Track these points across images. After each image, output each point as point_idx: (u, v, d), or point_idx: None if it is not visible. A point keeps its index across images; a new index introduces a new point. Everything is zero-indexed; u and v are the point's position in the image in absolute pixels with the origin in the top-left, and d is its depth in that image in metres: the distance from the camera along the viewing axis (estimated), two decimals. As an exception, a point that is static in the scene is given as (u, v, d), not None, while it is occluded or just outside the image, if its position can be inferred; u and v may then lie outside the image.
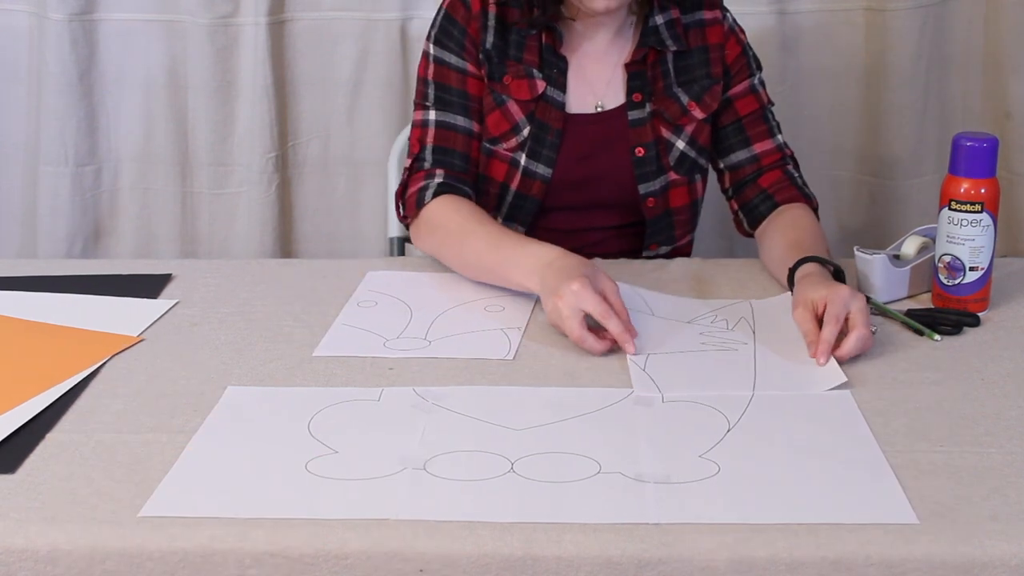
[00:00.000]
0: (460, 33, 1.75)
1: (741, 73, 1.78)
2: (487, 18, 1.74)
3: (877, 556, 1.02)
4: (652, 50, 1.75)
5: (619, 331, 1.41)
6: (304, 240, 2.53)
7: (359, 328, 1.52)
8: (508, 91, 1.74)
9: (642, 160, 1.76)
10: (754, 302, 1.59)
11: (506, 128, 1.75)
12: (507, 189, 1.77)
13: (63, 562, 1.05)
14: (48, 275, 1.74)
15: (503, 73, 1.74)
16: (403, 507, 1.09)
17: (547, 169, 1.75)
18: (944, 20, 2.33)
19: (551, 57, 1.74)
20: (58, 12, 2.35)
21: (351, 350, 1.45)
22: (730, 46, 1.78)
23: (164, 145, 2.46)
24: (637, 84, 1.75)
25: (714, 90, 1.77)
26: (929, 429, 1.23)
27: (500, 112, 1.75)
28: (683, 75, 1.76)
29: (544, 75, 1.74)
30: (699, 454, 1.18)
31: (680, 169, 1.77)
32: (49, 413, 1.30)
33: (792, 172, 1.79)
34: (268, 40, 2.35)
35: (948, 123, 2.38)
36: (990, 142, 1.50)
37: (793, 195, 1.76)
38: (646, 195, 1.76)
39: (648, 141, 1.76)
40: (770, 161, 1.79)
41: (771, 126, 1.80)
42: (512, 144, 1.75)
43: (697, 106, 1.76)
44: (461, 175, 1.74)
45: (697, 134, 1.77)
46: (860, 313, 1.39)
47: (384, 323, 1.53)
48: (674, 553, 1.03)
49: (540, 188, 1.76)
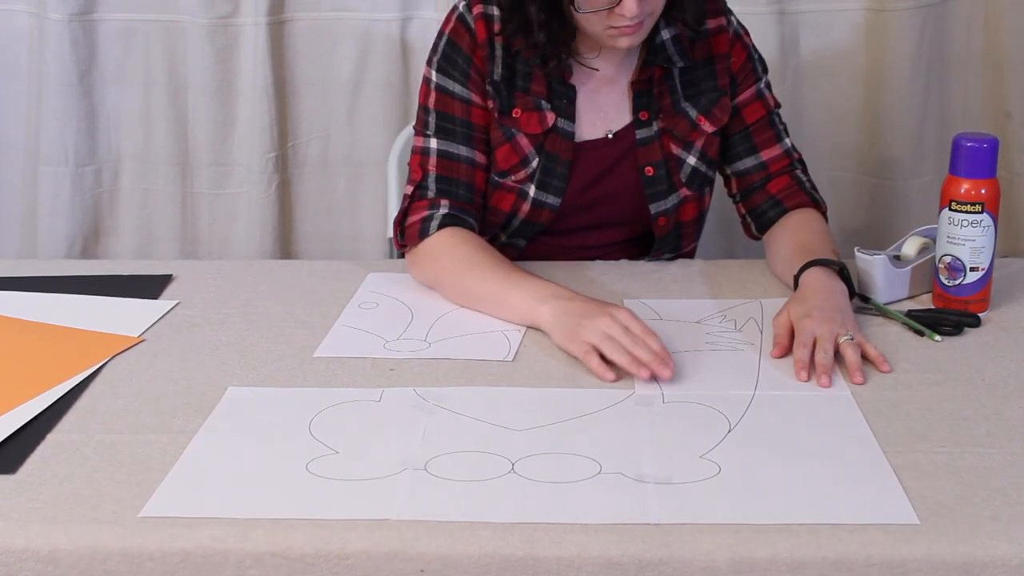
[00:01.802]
0: (465, 62, 1.69)
1: (747, 80, 1.75)
2: (494, 48, 1.68)
3: (878, 556, 1.02)
4: (658, 67, 1.71)
5: (660, 349, 1.37)
6: (304, 240, 2.52)
7: (359, 329, 1.52)
8: (518, 125, 1.69)
9: (652, 179, 1.73)
10: (764, 301, 1.59)
11: (516, 161, 1.71)
12: (514, 217, 1.74)
13: (64, 562, 1.05)
14: (48, 275, 1.74)
15: (512, 106, 1.69)
16: (404, 507, 1.09)
17: (556, 199, 1.71)
18: (944, 20, 2.33)
19: (560, 87, 1.69)
20: (58, 12, 2.34)
21: (351, 351, 1.45)
22: (736, 53, 1.74)
23: (164, 145, 2.46)
24: (643, 102, 1.72)
25: (723, 102, 1.73)
26: (930, 429, 1.23)
27: (510, 146, 1.70)
28: (690, 88, 1.72)
29: (553, 106, 1.69)
30: (700, 454, 1.18)
31: (692, 185, 1.74)
32: (50, 413, 1.30)
33: (800, 177, 1.78)
34: (268, 40, 2.35)
35: (948, 123, 2.38)
36: (990, 142, 1.50)
37: (802, 200, 1.75)
38: (657, 214, 1.74)
39: (657, 160, 1.72)
40: (778, 167, 1.77)
41: (778, 131, 1.78)
42: (521, 176, 1.71)
43: (707, 120, 1.73)
44: (466, 206, 1.69)
45: (707, 147, 1.74)
46: (823, 340, 1.38)
47: (385, 324, 1.53)
48: (675, 553, 1.03)
49: (549, 216, 1.73)
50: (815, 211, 1.75)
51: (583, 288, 1.62)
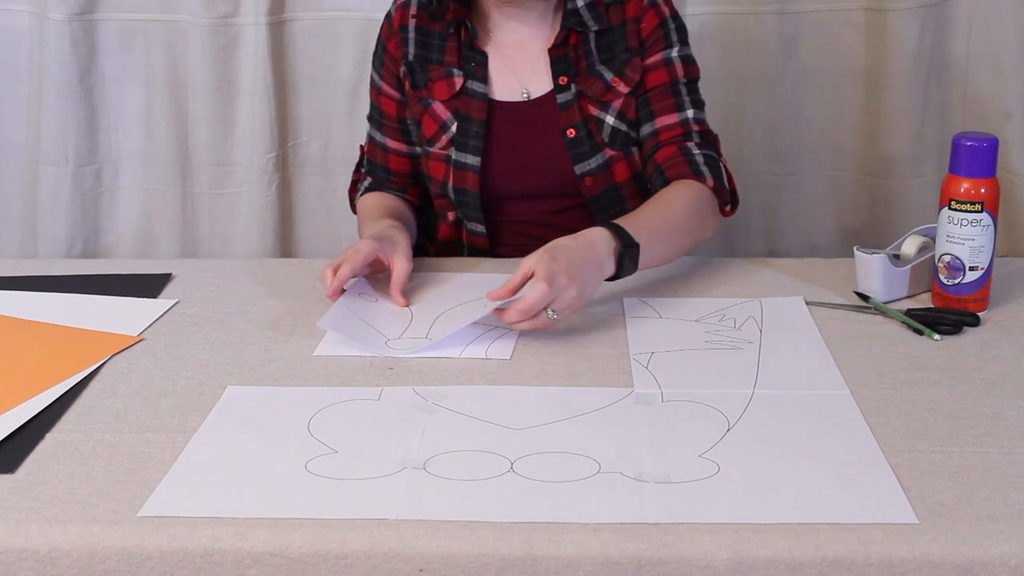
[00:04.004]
0: (382, 50, 1.85)
1: (656, 46, 1.77)
2: (406, 31, 1.81)
3: (877, 556, 1.02)
4: (573, 32, 1.76)
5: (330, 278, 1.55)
6: (304, 240, 2.53)
7: (360, 319, 1.53)
8: (432, 94, 1.80)
9: (575, 141, 1.77)
10: (764, 301, 1.59)
11: (436, 128, 1.81)
12: (446, 187, 1.81)
13: (63, 562, 1.05)
14: (48, 275, 1.74)
15: (427, 79, 1.80)
16: (403, 507, 1.09)
17: (475, 158, 1.78)
18: (944, 20, 2.32)
19: (469, 52, 1.79)
20: (58, 12, 2.35)
21: (352, 350, 1.45)
22: (647, 19, 1.76)
23: (164, 145, 2.46)
24: (562, 67, 1.77)
25: (634, 62, 1.76)
26: (929, 429, 1.23)
27: (428, 115, 1.81)
28: (605, 52, 1.77)
29: (464, 71, 1.78)
30: (699, 454, 1.18)
31: (615, 144, 1.77)
32: (49, 413, 1.30)
33: (690, 148, 1.74)
34: (268, 40, 2.35)
35: (948, 123, 2.38)
36: (990, 142, 1.50)
37: (683, 171, 1.71)
38: (583, 174, 1.77)
39: (577, 122, 1.76)
40: (668, 136, 1.75)
41: (680, 100, 1.76)
42: (444, 142, 1.80)
43: (621, 80, 1.76)
44: (385, 183, 1.90)
45: (626, 108, 1.77)
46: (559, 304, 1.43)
47: (386, 322, 1.54)
48: (674, 553, 1.03)
49: (474, 179, 1.78)
50: (693, 183, 1.70)
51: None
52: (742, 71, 2.35)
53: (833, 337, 1.47)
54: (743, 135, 2.39)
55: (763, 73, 2.36)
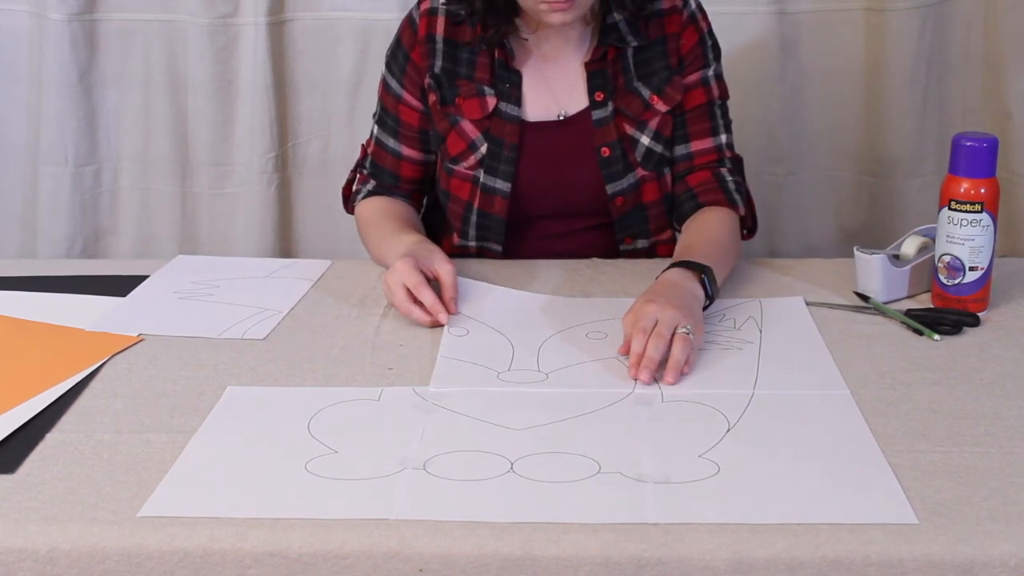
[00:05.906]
0: (404, 59, 1.78)
1: (694, 64, 1.75)
2: (434, 42, 1.75)
3: (877, 556, 1.02)
4: (612, 47, 1.73)
5: (431, 302, 1.50)
6: (303, 240, 2.52)
7: (464, 361, 1.43)
8: (461, 112, 1.74)
9: (608, 160, 1.74)
10: (763, 301, 1.59)
11: (463, 147, 1.75)
12: (471, 208, 1.77)
13: (63, 562, 1.05)
14: (48, 275, 1.74)
15: (455, 95, 1.74)
16: (403, 507, 1.09)
17: (505, 184, 1.74)
18: (944, 20, 2.32)
19: (503, 72, 1.73)
20: (58, 12, 2.35)
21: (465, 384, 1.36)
22: (687, 35, 1.74)
23: (164, 145, 2.46)
24: (598, 83, 1.74)
25: (674, 81, 1.74)
26: (928, 429, 1.23)
27: (455, 133, 1.75)
28: (643, 68, 1.74)
29: (496, 91, 1.73)
30: (699, 454, 1.18)
31: (648, 165, 1.75)
32: (49, 413, 1.30)
33: (724, 175, 1.75)
34: (268, 40, 2.35)
35: (948, 123, 2.38)
36: (990, 142, 1.50)
37: (717, 198, 1.73)
38: (614, 194, 1.75)
39: (613, 140, 1.74)
40: (703, 161, 1.76)
41: (715, 124, 1.77)
42: (471, 162, 1.75)
43: (659, 99, 1.74)
44: (392, 188, 1.84)
45: (662, 127, 1.75)
46: (663, 325, 1.37)
47: (489, 355, 1.44)
48: (674, 553, 1.03)
49: (502, 204, 1.75)
50: (727, 211, 1.72)
51: (581, 287, 1.63)
52: (742, 71, 2.35)
53: (833, 337, 1.47)
54: (743, 135, 2.38)
55: (763, 73, 2.36)
